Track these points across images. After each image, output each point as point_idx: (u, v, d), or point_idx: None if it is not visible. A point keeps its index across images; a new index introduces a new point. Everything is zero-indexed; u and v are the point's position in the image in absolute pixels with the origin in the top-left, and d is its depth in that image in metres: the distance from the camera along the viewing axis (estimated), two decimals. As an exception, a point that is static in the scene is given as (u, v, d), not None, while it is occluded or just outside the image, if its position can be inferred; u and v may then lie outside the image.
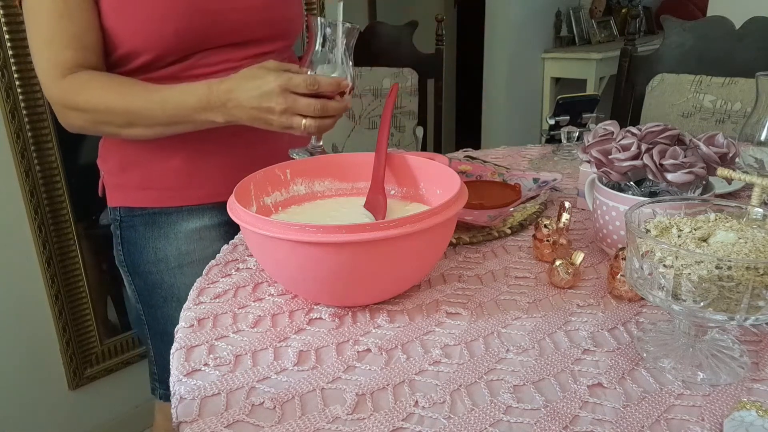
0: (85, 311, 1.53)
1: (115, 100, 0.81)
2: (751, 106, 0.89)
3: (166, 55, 0.84)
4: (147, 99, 0.80)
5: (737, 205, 0.55)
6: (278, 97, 0.74)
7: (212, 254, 0.92)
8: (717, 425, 0.46)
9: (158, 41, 0.82)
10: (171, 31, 0.82)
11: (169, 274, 0.93)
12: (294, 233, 0.55)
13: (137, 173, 0.92)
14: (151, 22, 0.81)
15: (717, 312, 0.47)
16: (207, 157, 0.90)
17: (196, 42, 0.85)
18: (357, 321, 0.62)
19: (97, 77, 0.82)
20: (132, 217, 0.94)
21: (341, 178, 0.79)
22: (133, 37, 0.83)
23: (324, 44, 0.78)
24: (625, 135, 0.71)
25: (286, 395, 0.51)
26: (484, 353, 0.56)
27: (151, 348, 1.00)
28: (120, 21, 0.82)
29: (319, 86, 0.74)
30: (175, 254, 0.93)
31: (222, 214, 0.94)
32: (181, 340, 0.60)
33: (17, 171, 1.33)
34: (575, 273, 0.66)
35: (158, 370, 1.01)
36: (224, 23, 0.85)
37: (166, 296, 0.94)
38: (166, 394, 1.01)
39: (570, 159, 1.15)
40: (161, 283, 0.94)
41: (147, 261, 0.94)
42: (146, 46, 0.83)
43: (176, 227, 0.93)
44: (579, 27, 3.38)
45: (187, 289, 0.93)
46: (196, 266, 0.92)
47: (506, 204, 0.87)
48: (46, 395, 1.50)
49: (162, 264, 0.93)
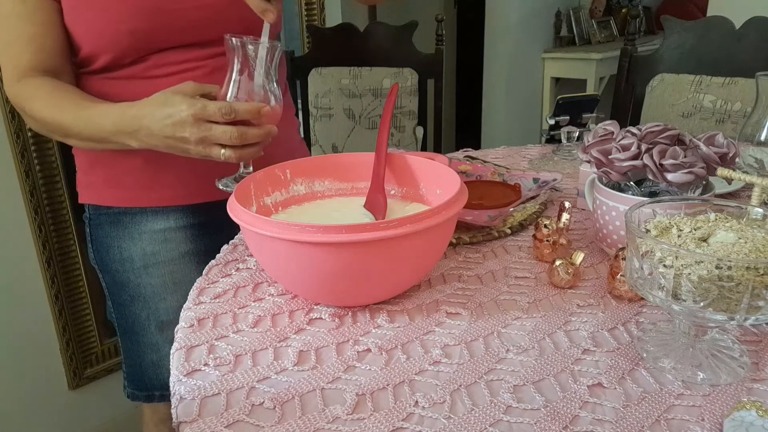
0: (85, 311, 1.53)
1: (52, 113, 0.80)
2: (751, 106, 0.89)
3: (124, 56, 0.83)
4: (75, 116, 0.79)
5: (737, 205, 0.55)
6: (192, 127, 0.70)
7: (178, 256, 0.92)
8: (717, 425, 0.46)
9: (114, 41, 0.82)
10: (125, 31, 0.81)
11: (134, 273, 0.92)
12: (294, 233, 0.55)
13: (103, 172, 0.91)
14: (105, 22, 0.81)
15: (717, 312, 0.47)
16: (171, 159, 0.85)
17: (153, 42, 0.84)
18: (357, 321, 0.62)
19: (44, 87, 0.81)
20: (99, 215, 0.94)
21: (341, 178, 0.79)
22: (90, 37, 0.82)
23: (244, 66, 0.72)
24: (625, 135, 0.71)
25: (286, 395, 0.51)
26: (484, 353, 0.56)
27: (121, 347, 1.00)
28: (77, 21, 0.82)
29: (236, 114, 0.70)
30: (139, 254, 0.92)
31: (187, 217, 0.93)
32: (181, 340, 0.60)
33: (17, 171, 1.33)
34: (575, 273, 0.67)
35: (126, 368, 1.00)
36: (179, 23, 0.84)
37: (133, 295, 0.93)
38: (133, 394, 0.99)
39: (570, 159, 1.15)
40: (128, 282, 0.93)
41: (113, 260, 0.93)
42: (103, 46, 0.82)
43: (140, 227, 0.92)
44: (579, 27, 3.39)
45: (153, 289, 0.93)
46: (162, 267, 0.92)
47: (506, 204, 0.87)
48: (46, 395, 1.50)
49: (127, 264, 0.92)
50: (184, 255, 0.92)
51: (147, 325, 0.93)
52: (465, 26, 3.85)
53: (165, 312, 0.92)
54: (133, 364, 0.98)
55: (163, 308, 0.92)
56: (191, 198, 0.83)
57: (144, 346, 0.95)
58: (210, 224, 0.93)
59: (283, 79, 1.04)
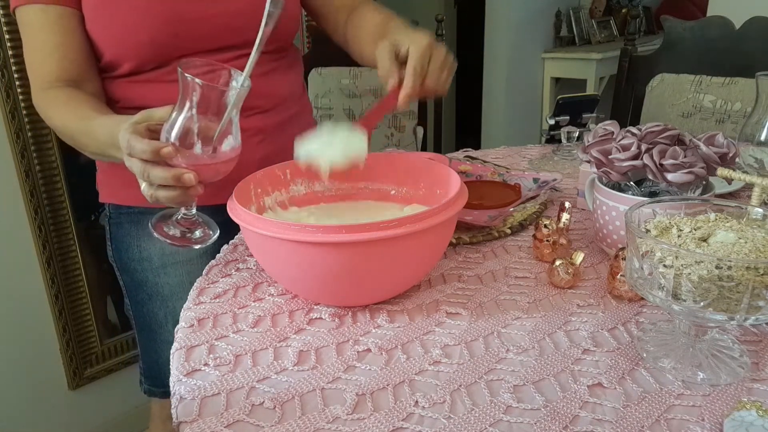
0: (85, 311, 1.53)
1: (63, 123, 0.81)
2: (751, 106, 0.89)
3: (146, 63, 0.84)
4: (80, 127, 0.79)
5: (737, 205, 0.55)
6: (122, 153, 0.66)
7: (196, 256, 0.92)
8: (717, 425, 0.46)
9: (135, 50, 0.83)
10: (146, 40, 0.82)
11: (153, 272, 0.93)
12: (294, 233, 0.55)
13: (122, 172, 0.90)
14: (125, 32, 0.81)
15: (717, 312, 0.47)
16: None
17: (175, 49, 0.84)
18: (357, 321, 0.62)
19: (59, 97, 0.82)
20: (119, 214, 0.95)
21: (341, 179, 0.78)
22: (112, 46, 0.83)
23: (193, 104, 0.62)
24: (625, 135, 0.71)
25: (286, 395, 0.51)
26: (484, 353, 0.56)
27: (138, 343, 1.01)
28: (98, 30, 0.83)
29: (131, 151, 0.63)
30: (158, 254, 0.93)
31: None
32: (181, 340, 0.60)
33: (17, 171, 1.33)
34: (575, 273, 0.66)
35: (143, 365, 1.02)
36: (200, 31, 0.85)
37: (151, 294, 0.94)
38: (150, 390, 1.01)
39: (570, 159, 1.15)
40: (146, 281, 0.94)
41: (132, 258, 0.94)
42: (124, 54, 0.83)
43: None
44: (579, 27, 3.38)
45: (171, 288, 0.93)
46: (180, 267, 0.93)
47: (506, 204, 0.87)
48: (46, 395, 1.50)
49: (146, 263, 0.93)
50: (203, 255, 0.93)
51: (164, 323, 0.94)
52: (465, 26, 3.85)
53: None
54: (150, 361, 0.99)
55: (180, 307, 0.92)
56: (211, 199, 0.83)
57: (161, 344, 0.96)
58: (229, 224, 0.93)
59: (301, 77, 1.04)
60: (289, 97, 0.98)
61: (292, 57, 1.00)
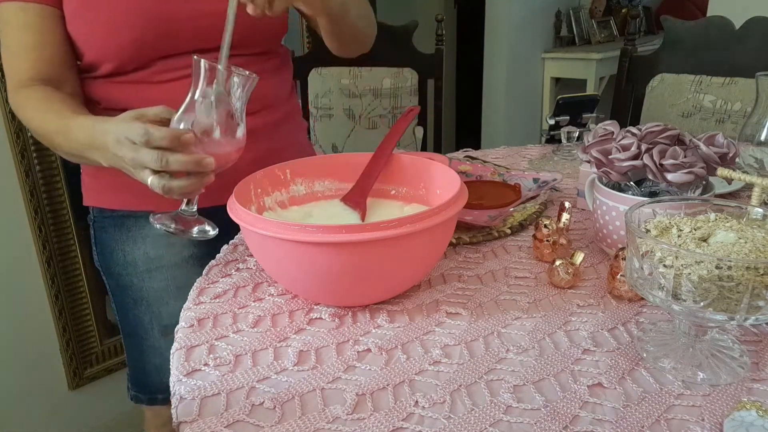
0: (85, 311, 1.53)
1: (37, 123, 0.81)
2: (751, 106, 0.89)
3: (127, 63, 0.83)
4: (57, 126, 0.78)
5: (737, 205, 0.55)
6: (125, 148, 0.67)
7: (182, 260, 0.91)
8: (717, 425, 0.46)
9: (117, 50, 0.82)
10: (128, 40, 0.81)
11: (138, 277, 0.92)
12: (294, 233, 0.55)
13: (107, 175, 0.90)
14: (108, 31, 0.81)
15: (717, 312, 0.47)
16: None
17: (156, 49, 0.83)
18: (357, 321, 0.62)
19: (34, 96, 0.81)
20: (103, 218, 0.94)
21: (341, 178, 0.78)
22: (93, 46, 0.82)
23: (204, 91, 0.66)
24: (625, 135, 0.71)
25: (286, 395, 0.51)
26: (484, 353, 0.56)
27: (125, 349, 1.00)
28: (79, 30, 0.82)
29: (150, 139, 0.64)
30: (143, 258, 0.92)
31: None
32: (181, 340, 0.60)
33: (17, 171, 1.33)
34: (575, 273, 0.66)
35: (129, 371, 1.00)
36: (184, 31, 0.84)
37: (136, 299, 0.93)
38: (136, 396, 0.99)
39: (570, 159, 1.15)
40: (131, 285, 0.93)
41: (117, 263, 0.93)
42: (106, 55, 0.82)
43: (144, 232, 0.91)
44: (579, 27, 3.38)
45: (156, 293, 0.92)
46: (165, 271, 0.92)
47: (506, 204, 0.87)
48: (46, 395, 1.50)
49: (131, 267, 0.92)
50: (187, 259, 0.92)
51: (150, 329, 0.93)
52: (465, 26, 3.85)
53: (168, 316, 0.92)
54: (137, 367, 0.98)
55: (165, 312, 0.92)
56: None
57: (147, 350, 0.95)
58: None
59: (290, 80, 1.03)
60: (276, 99, 0.97)
61: (280, 59, 0.99)
